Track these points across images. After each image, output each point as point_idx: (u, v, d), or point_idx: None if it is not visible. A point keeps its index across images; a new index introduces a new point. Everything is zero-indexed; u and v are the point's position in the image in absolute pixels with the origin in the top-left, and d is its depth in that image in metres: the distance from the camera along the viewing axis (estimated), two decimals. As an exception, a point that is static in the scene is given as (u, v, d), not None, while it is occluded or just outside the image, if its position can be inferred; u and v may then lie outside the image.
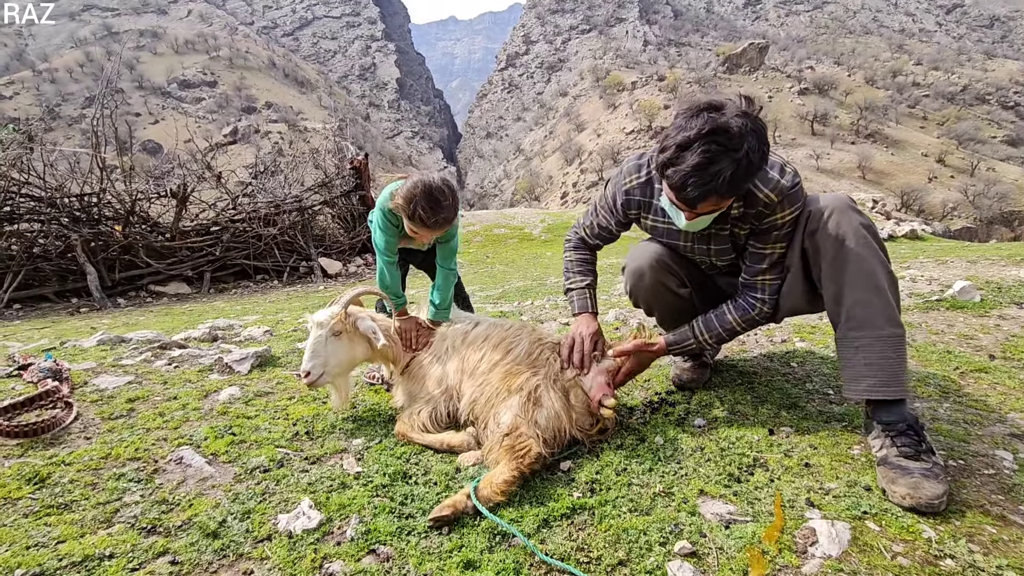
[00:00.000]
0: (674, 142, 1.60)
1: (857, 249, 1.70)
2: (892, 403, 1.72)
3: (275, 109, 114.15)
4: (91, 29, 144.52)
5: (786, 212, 1.77)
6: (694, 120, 1.58)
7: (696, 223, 1.78)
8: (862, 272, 1.69)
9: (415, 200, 2.14)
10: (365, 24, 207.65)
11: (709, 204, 1.66)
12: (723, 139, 1.54)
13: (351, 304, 2.18)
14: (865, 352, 1.70)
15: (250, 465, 1.79)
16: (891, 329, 1.67)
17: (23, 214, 7.25)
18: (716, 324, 2.05)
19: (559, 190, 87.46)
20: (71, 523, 1.45)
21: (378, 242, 2.45)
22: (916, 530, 1.41)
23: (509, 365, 1.98)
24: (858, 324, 1.71)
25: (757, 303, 1.97)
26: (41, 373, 2.38)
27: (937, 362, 2.57)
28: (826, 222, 1.74)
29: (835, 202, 1.77)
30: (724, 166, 1.54)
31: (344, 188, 10.73)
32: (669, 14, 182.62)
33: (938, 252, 8.22)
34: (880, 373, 1.68)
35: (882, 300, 1.68)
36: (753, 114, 1.60)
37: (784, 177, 1.75)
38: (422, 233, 2.25)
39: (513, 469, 1.59)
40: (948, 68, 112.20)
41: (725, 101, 1.62)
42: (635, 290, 2.23)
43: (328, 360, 2.06)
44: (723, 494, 1.62)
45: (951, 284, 3.89)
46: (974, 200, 62.25)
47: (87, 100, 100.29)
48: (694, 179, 1.57)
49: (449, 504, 1.50)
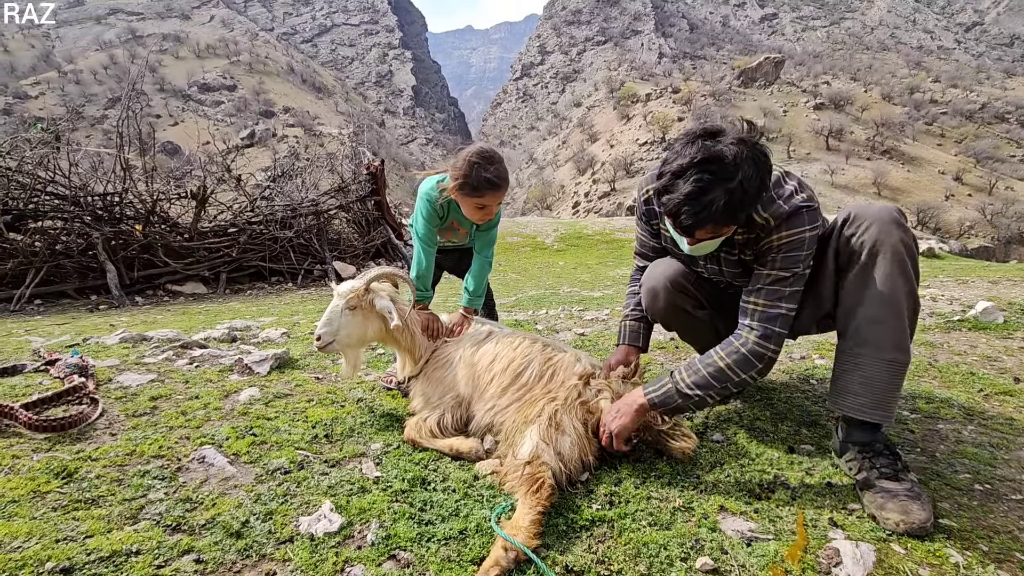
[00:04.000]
0: (669, 169, 1.60)
1: (888, 267, 1.63)
2: (870, 425, 1.71)
3: (292, 114, 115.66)
4: (116, 32, 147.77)
5: (782, 234, 1.68)
6: (689, 147, 1.57)
7: (699, 248, 1.74)
8: (885, 290, 1.63)
9: (473, 165, 2.18)
10: (383, 32, 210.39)
11: (706, 231, 1.63)
12: (716, 168, 1.52)
13: (375, 283, 2.22)
14: (863, 370, 1.67)
15: (271, 466, 1.80)
16: (895, 354, 1.63)
17: (47, 211, 7.40)
18: (697, 363, 1.78)
19: (571, 200, 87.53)
20: (98, 518, 1.47)
21: (419, 229, 2.49)
22: (943, 554, 1.40)
23: (521, 392, 1.99)
24: (863, 341, 1.66)
25: (743, 331, 1.75)
26: (68, 369, 2.43)
27: (960, 383, 2.53)
28: (864, 231, 1.67)
29: (880, 213, 1.68)
30: (717, 195, 1.52)
31: (360, 193, 10.82)
32: (685, 27, 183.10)
33: (958, 271, 8.11)
34: (870, 394, 1.66)
35: (896, 323, 1.63)
36: (752, 141, 1.56)
37: (790, 201, 1.67)
38: (487, 199, 2.25)
39: (536, 505, 1.52)
40: (967, 86, 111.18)
41: (725, 127, 1.60)
42: (651, 310, 2.20)
43: (339, 331, 2.12)
44: (744, 511, 1.61)
45: (973, 304, 3.84)
46: (992, 219, 61.38)
47: (110, 101, 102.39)
48: (687, 208, 1.56)
49: (492, 564, 1.33)
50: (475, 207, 2.29)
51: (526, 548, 1.37)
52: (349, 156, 12.38)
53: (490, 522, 1.51)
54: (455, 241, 2.81)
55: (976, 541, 1.45)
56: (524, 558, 1.36)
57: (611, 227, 17.93)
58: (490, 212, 2.35)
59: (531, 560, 1.36)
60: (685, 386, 1.76)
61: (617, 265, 11.72)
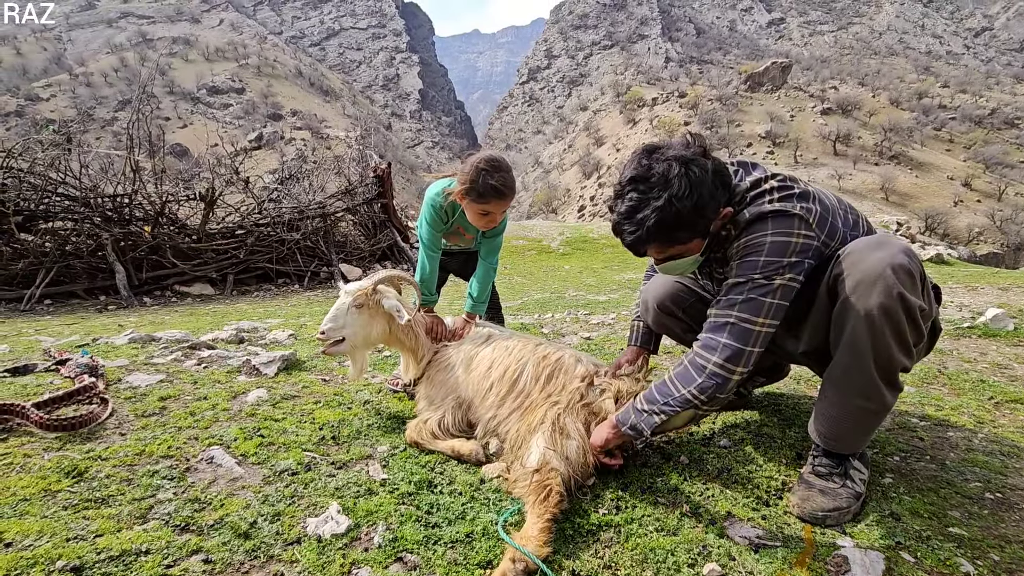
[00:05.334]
0: (614, 189, 1.62)
1: (861, 324, 1.50)
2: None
3: (300, 116, 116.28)
4: (127, 35, 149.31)
5: (742, 241, 1.59)
6: (628, 167, 1.58)
7: (667, 267, 1.73)
8: (856, 343, 1.53)
9: (480, 172, 2.20)
10: (390, 36, 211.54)
11: (654, 250, 1.62)
12: (644, 186, 1.52)
13: (382, 285, 2.24)
14: (827, 406, 1.66)
15: (279, 467, 1.81)
16: (858, 400, 1.58)
17: (58, 212, 7.47)
18: (654, 391, 1.69)
19: (576, 203, 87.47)
20: (108, 517, 1.48)
21: (423, 235, 2.53)
22: (954, 563, 1.38)
23: (520, 399, 1.99)
24: (835, 382, 1.62)
25: (696, 345, 1.65)
26: (78, 369, 2.45)
27: (971, 391, 2.51)
28: (848, 276, 1.53)
29: (869, 268, 1.49)
30: (647, 214, 1.51)
31: (366, 196, 10.88)
32: (692, 32, 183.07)
33: (967, 278, 8.05)
34: (831, 429, 1.67)
35: (861, 376, 1.54)
36: (686, 157, 1.51)
37: (752, 210, 1.58)
38: (491, 207, 2.26)
39: (545, 513, 1.50)
40: (976, 91, 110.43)
41: (671, 142, 1.58)
42: (645, 320, 2.22)
43: (345, 328, 2.15)
44: (751, 517, 1.60)
45: (983, 311, 3.81)
46: (1001, 225, 60.81)
47: (120, 103, 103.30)
48: (624, 227, 1.57)
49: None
50: (479, 214, 2.30)
51: (536, 558, 1.35)
52: (356, 159, 12.47)
53: (496, 526, 1.51)
54: (461, 245, 2.82)
55: (987, 550, 1.44)
56: (534, 568, 1.35)
57: (617, 231, 17.86)
58: (494, 220, 2.36)
59: (540, 569, 1.35)
60: (639, 400, 1.71)
61: (623, 269, 11.69)
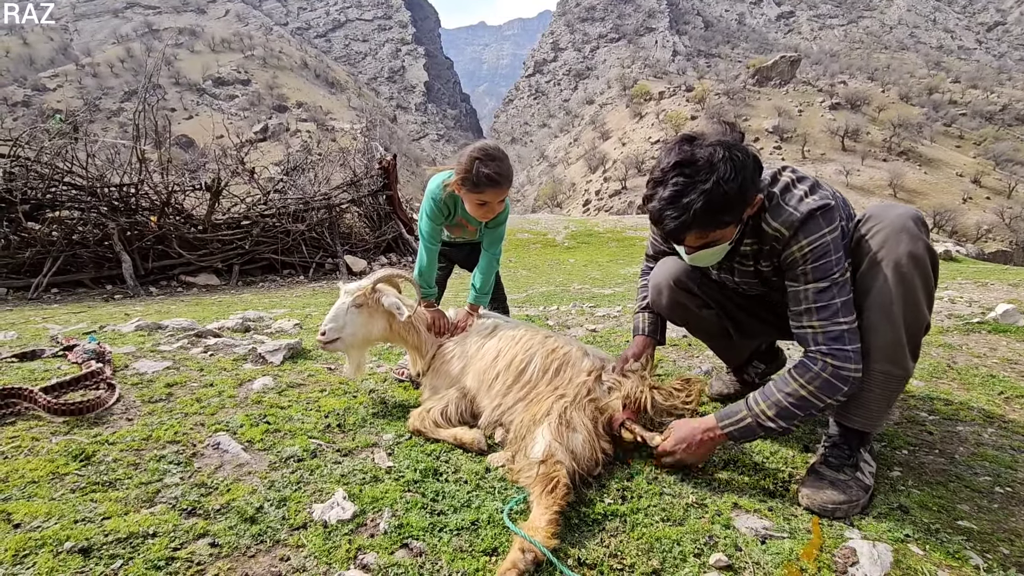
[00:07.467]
0: (651, 177, 1.61)
1: (888, 277, 1.57)
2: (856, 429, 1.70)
3: (305, 108, 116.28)
4: (133, 26, 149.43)
5: (803, 244, 1.60)
6: (668, 154, 1.58)
7: (698, 257, 1.72)
8: (883, 300, 1.58)
9: (475, 161, 2.19)
10: (396, 28, 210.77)
11: (694, 237, 1.61)
12: (690, 171, 1.52)
13: (381, 284, 2.24)
14: None
15: (284, 454, 1.81)
16: (886, 366, 1.59)
17: (65, 202, 7.50)
18: (774, 390, 1.66)
19: (582, 197, 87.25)
20: (115, 500, 1.49)
21: (422, 228, 2.52)
22: (963, 556, 1.37)
23: (526, 390, 1.99)
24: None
25: (816, 356, 1.60)
26: (85, 354, 2.46)
27: (980, 386, 2.49)
28: (873, 235, 1.63)
29: (895, 220, 1.60)
30: (694, 198, 1.51)
31: (372, 188, 10.86)
32: (700, 25, 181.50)
33: (976, 274, 7.99)
34: (855, 401, 1.65)
35: (891, 335, 1.58)
36: (728, 142, 1.54)
37: (800, 206, 1.60)
38: (487, 196, 2.25)
39: (552, 505, 1.49)
40: (987, 87, 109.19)
41: (705, 131, 1.60)
42: (656, 306, 2.21)
43: (345, 327, 2.14)
44: (758, 508, 1.59)
45: (993, 307, 3.78)
46: (1010, 223, 60.32)
47: (126, 94, 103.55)
48: (668, 212, 1.56)
49: (509, 567, 1.30)
50: (476, 203, 2.29)
51: (545, 549, 1.34)
52: (361, 151, 12.41)
53: (502, 515, 1.51)
54: (465, 237, 2.82)
55: (997, 544, 1.43)
56: (542, 558, 1.34)
57: (622, 225, 17.86)
58: (492, 209, 2.34)
59: (549, 560, 1.34)
60: (767, 419, 1.64)
61: (628, 263, 11.66)
